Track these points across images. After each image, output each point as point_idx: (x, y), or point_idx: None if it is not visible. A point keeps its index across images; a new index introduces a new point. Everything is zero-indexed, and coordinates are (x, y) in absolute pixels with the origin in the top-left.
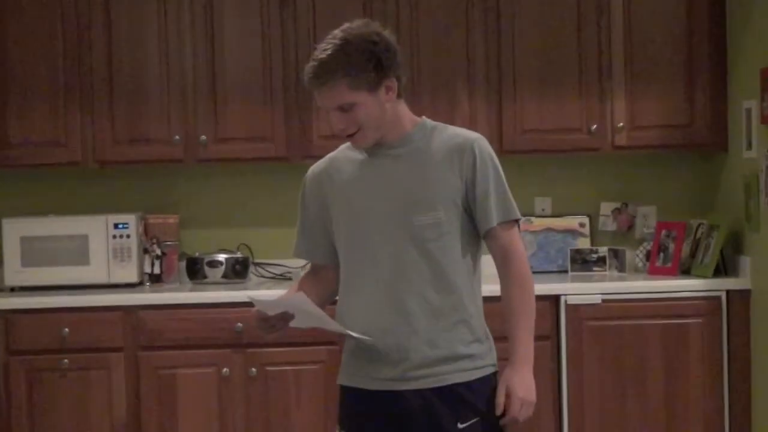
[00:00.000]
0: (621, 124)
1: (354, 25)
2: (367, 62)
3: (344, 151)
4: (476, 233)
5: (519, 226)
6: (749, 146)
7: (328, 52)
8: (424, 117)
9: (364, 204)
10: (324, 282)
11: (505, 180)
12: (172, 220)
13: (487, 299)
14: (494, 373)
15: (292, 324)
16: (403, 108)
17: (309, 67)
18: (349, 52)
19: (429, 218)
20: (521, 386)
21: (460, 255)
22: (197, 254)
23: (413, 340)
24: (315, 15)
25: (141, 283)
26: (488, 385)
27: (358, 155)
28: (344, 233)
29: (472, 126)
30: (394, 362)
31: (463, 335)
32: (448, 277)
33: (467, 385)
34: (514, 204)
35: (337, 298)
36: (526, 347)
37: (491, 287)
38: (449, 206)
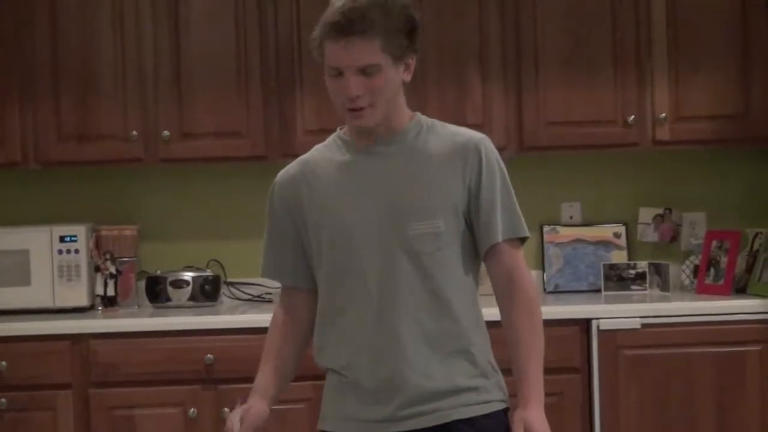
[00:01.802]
0: (663, 114)
1: None
2: (404, 25)
3: (320, 151)
4: (476, 249)
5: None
6: None
7: (363, 8)
8: (417, 112)
9: (349, 212)
10: (298, 318)
11: (512, 190)
12: (129, 231)
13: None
14: (504, 410)
15: None
16: (403, 98)
17: (338, 11)
18: (389, 9)
19: (425, 227)
20: (543, 426)
21: (461, 272)
22: (159, 272)
23: (406, 372)
24: None
25: (92, 307)
26: (496, 422)
27: (340, 155)
28: (324, 247)
29: (486, 117)
30: (384, 400)
31: (464, 367)
32: (446, 299)
33: (470, 421)
34: (523, 219)
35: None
36: (538, 384)
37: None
38: (449, 215)
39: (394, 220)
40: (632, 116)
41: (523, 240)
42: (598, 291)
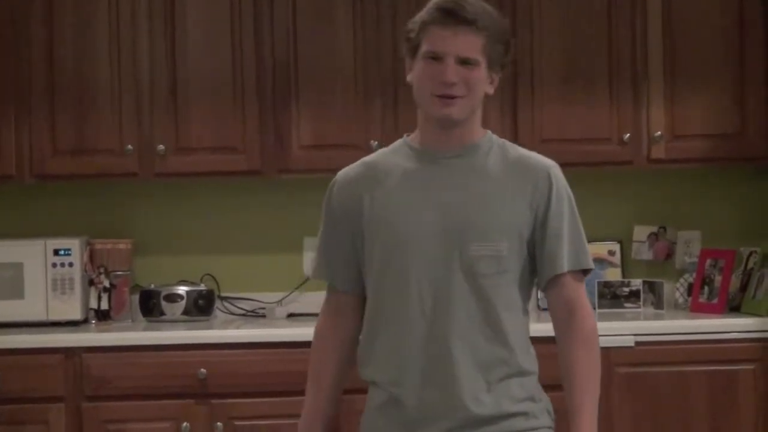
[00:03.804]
0: (659, 133)
1: None
2: (503, 36)
3: (386, 155)
4: (532, 277)
5: None
6: None
7: (481, 6)
8: (488, 130)
9: (410, 221)
10: (346, 325)
11: (580, 220)
12: (124, 245)
13: None
14: None
15: None
16: (481, 111)
17: (451, 4)
18: (495, 18)
19: (488, 249)
20: None
21: (516, 297)
22: (153, 286)
23: (456, 395)
24: (295, 7)
25: (86, 321)
26: None
27: (406, 162)
28: (379, 256)
29: None
30: (429, 420)
31: (513, 392)
32: (500, 324)
33: None
34: (588, 251)
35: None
36: (593, 423)
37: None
38: (513, 239)
39: (457, 238)
40: (628, 134)
41: (586, 272)
42: (592, 308)
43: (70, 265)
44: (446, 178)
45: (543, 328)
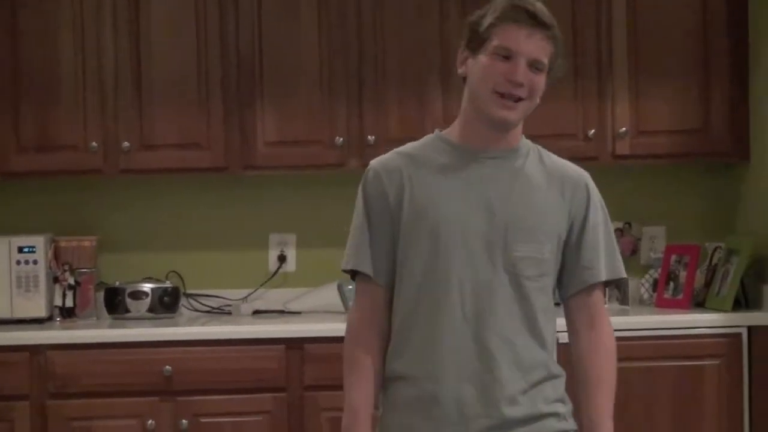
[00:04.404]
0: (623, 129)
1: None
2: (563, 50)
3: (418, 148)
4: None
5: None
6: None
7: (549, 14)
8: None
9: (454, 218)
10: (382, 320)
11: (613, 231)
12: (88, 242)
13: None
14: None
15: None
16: None
17: (535, 3)
18: (558, 31)
19: (531, 251)
20: None
21: (551, 301)
22: (118, 284)
23: (496, 394)
24: (260, 4)
25: (50, 318)
26: None
27: (444, 158)
28: (421, 250)
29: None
30: (466, 418)
31: (548, 393)
32: (539, 326)
33: None
34: (621, 261)
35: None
36: (611, 424)
37: None
38: (553, 243)
39: (502, 238)
40: (592, 130)
41: (608, 282)
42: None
43: (35, 262)
44: (489, 177)
45: None
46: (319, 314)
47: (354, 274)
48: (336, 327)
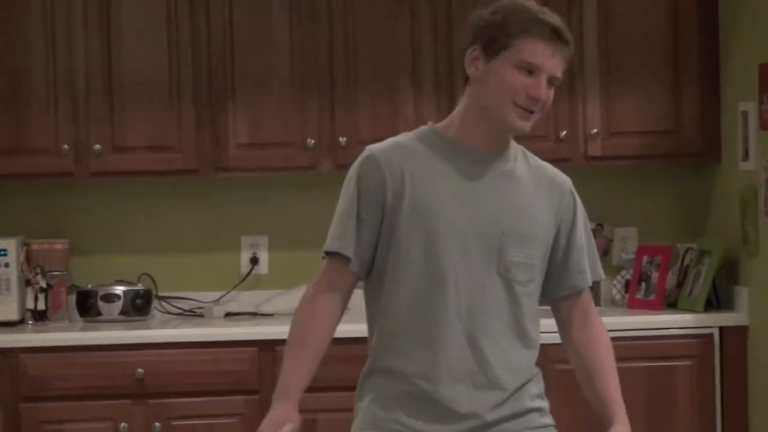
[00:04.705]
0: (595, 130)
1: None
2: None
3: (414, 141)
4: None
5: None
6: (746, 156)
7: (567, 30)
8: None
9: (452, 218)
10: (342, 305)
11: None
12: (60, 245)
13: None
14: None
15: None
16: None
17: (553, 18)
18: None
19: (523, 256)
20: None
21: (536, 306)
22: (90, 287)
23: (487, 394)
24: (231, 6)
25: (22, 321)
26: None
27: (441, 153)
28: (418, 249)
29: None
30: (457, 416)
31: (531, 391)
32: (526, 330)
33: None
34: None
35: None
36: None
37: None
38: (542, 249)
39: (496, 242)
40: (564, 131)
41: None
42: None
43: (6, 265)
44: (486, 180)
45: None
46: (291, 316)
47: (327, 255)
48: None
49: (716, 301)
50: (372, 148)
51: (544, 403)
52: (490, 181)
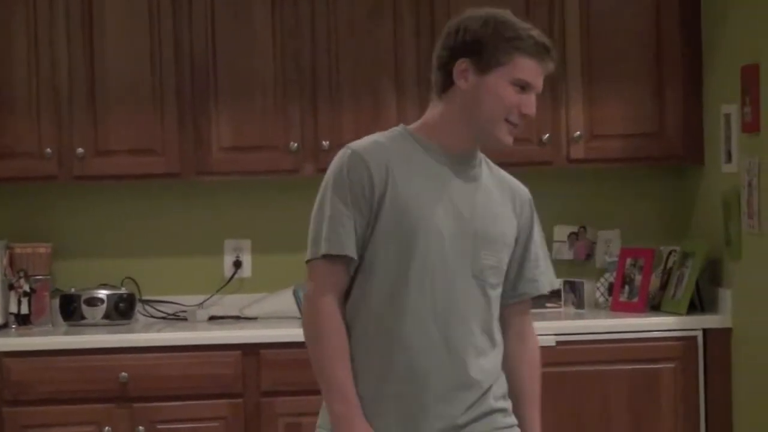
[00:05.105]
0: (578, 133)
1: None
2: None
3: (390, 140)
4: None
5: None
6: (728, 158)
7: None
8: None
9: (431, 220)
10: (342, 307)
11: None
12: (43, 249)
13: None
14: None
15: None
16: None
17: (543, 38)
18: None
19: (494, 260)
20: None
21: (499, 310)
22: (73, 290)
23: (460, 395)
24: (213, 9)
25: (5, 326)
26: None
27: (417, 155)
28: (396, 250)
29: None
30: (431, 417)
31: (496, 392)
32: (494, 332)
33: None
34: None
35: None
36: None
37: None
38: (507, 254)
39: (472, 245)
40: (547, 135)
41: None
42: None
43: None
44: (460, 183)
45: None
46: (275, 320)
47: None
48: (292, 332)
49: (700, 304)
50: (353, 145)
51: (507, 404)
52: (463, 185)
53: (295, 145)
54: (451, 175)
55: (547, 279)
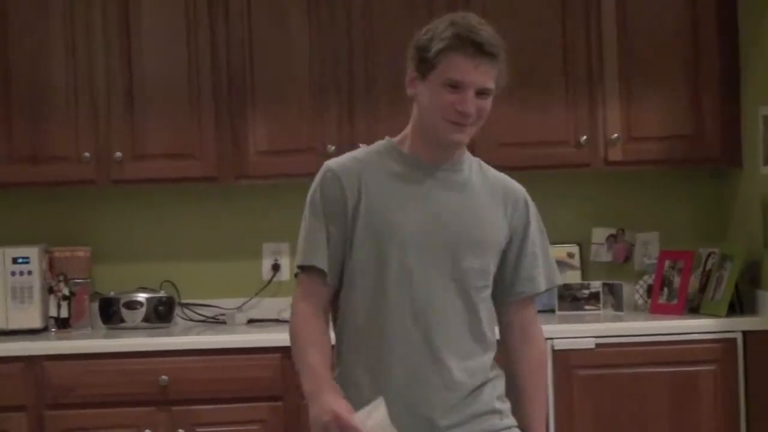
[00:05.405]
0: (615, 135)
1: None
2: (505, 61)
3: (371, 155)
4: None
5: None
6: (767, 161)
7: (494, 34)
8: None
9: (407, 227)
10: (327, 319)
11: (548, 241)
12: (82, 253)
13: None
14: None
15: None
16: None
17: (477, 31)
18: (502, 44)
19: (479, 264)
20: None
21: (492, 311)
22: (112, 294)
23: (446, 397)
24: (250, 12)
25: (45, 329)
26: None
27: (397, 167)
28: (374, 257)
29: None
30: (415, 418)
31: (488, 392)
32: (482, 333)
33: None
34: (557, 268)
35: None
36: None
37: None
38: (496, 256)
39: (451, 250)
40: (584, 137)
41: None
42: (552, 311)
43: (29, 273)
44: (439, 189)
45: None
46: None
47: (301, 269)
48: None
49: (739, 306)
50: (330, 162)
51: (504, 405)
52: (442, 191)
53: (332, 147)
54: (429, 182)
55: (545, 277)
